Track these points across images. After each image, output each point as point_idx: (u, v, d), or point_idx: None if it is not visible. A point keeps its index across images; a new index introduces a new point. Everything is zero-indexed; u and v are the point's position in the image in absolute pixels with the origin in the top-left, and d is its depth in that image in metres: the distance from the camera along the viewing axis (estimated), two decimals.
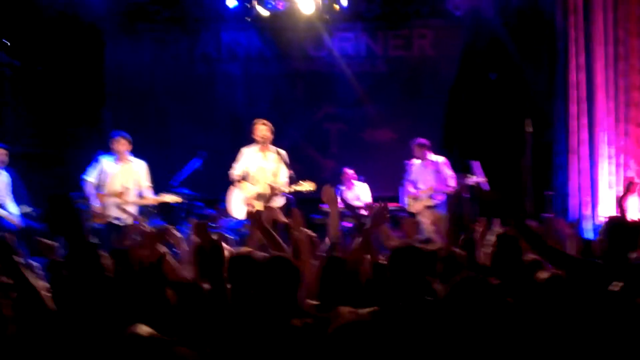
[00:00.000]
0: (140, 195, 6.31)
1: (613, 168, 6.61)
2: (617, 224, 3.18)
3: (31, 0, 7.48)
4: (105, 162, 6.28)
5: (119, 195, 6.15)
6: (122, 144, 6.25)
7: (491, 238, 3.08)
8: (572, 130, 6.68)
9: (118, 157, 6.29)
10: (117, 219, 6.03)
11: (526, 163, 7.41)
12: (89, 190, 6.17)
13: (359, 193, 7.93)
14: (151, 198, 6.26)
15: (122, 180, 6.22)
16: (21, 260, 2.70)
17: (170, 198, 6.22)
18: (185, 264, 3.44)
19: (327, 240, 3.64)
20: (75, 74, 8.45)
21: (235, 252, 3.22)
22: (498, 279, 2.98)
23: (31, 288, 2.33)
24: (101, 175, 6.23)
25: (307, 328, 2.05)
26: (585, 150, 6.64)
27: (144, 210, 6.30)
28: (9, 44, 7.82)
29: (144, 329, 2.04)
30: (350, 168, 8.02)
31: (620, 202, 4.58)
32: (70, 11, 8.04)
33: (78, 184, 6.30)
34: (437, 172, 7.09)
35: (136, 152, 6.55)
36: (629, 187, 4.94)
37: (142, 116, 8.81)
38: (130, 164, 6.34)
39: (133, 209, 6.17)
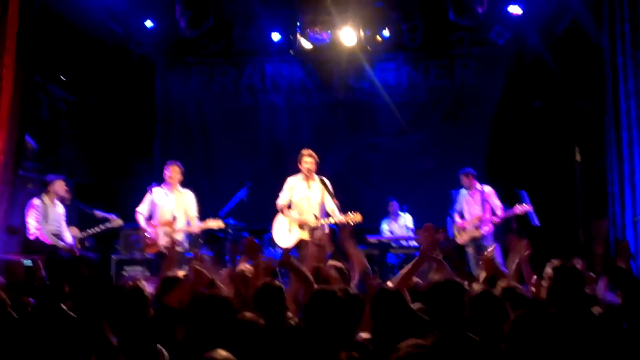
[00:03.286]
0: (188, 224, 6.43)
1: None
2: None
3: (85, 36, 7.84)
4: (156, 193, 6.43)
5: (169, 224, 6.29)
6: (176, 172, 6.41)
7: (547, 271, 2.99)
8: (624, 159, 6.49)
9: (170, 186, 6.44)
10: (167, 247, 6.14)
11: (577, 192, 7.22)
12: (141, 221, 6.34)
13: (405, 224, 7.88)
14: (197, 225, 6.37)
15: (172, 209, 6.36)
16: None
17: (214, 224, 6.31)
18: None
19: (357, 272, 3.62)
20: (127, 106, 8.78)
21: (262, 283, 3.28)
22: (556, 312, 2.90)
23: None
24: (152, 206, 6.39)
25: None
26: (638, 178, 6.43)
27: (193, 239, 6.40)
28: (64, 79, 8.20)
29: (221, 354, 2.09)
30: (394, 198, 7.98)
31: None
32: (123, 46, 8.41)
33: (130, 214, 6.48)
34: (485, 201, 6.97)
35: (184, 181, 6.68)
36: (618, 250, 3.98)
37: (189, 146, 9.07)
38: (180, 194, 6.48)
39: (181, 237, 6.30)
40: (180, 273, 3.68)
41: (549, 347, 1.79)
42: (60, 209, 6.26)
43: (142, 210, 6.35)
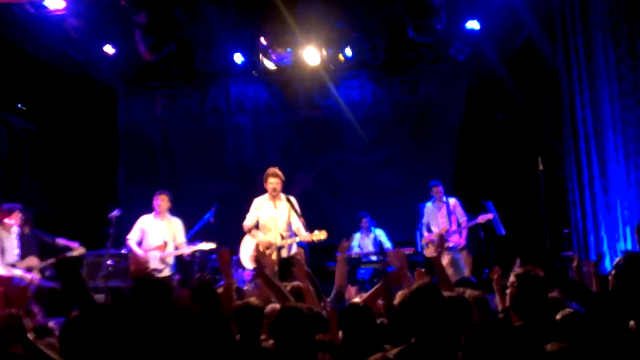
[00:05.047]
0: (177, 248, 6.53)
1: (626, 202, 6.53)
2: (633, 258, 3.12)
3: (44, 65, 7.72)
4: (144, 220, 6.53)
5: (160, 248, 6.42)
6: (165, 201, 6.53)
7: (511, 279, 3.01)
8: (583, 167, 6.65)
9: (158, 213, 6.52)
10: (157, 270, 6.30)
11: (541, 201, 7.37)
12: (133, 246, 6.42)
13: (376, 238, 7.87)
14: (187, 248, 6.48)
15: (162, 235, 6.47)
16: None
17: (205, 246, 6.43)
18: None
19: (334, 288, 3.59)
20: (90, 133, 8.64)
21: (242, 302, 3.21)
22: (521, 320, 2.92)
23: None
24: (141, 233, 6.49)
25: None
26: (597, 186, 6.59)
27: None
28: (24, 108, 8.04)
29: None
30: (367, 214, 8.00)
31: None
32: (83, 73, 8.30)
33: (93, 242, 6.42)
34: (451, 213, 7.06)
35: (149, 204, 6.61)
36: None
37: (154, 170, 8.96)
38: (170, 222, 6.56)
39: (171, 261, 6.47)
40: None
41: (506, 355, 1.79)
42: (14, 235, 6.11)
43: (132, 236, 6.46)
